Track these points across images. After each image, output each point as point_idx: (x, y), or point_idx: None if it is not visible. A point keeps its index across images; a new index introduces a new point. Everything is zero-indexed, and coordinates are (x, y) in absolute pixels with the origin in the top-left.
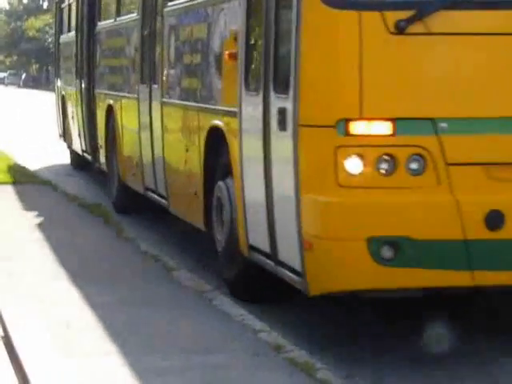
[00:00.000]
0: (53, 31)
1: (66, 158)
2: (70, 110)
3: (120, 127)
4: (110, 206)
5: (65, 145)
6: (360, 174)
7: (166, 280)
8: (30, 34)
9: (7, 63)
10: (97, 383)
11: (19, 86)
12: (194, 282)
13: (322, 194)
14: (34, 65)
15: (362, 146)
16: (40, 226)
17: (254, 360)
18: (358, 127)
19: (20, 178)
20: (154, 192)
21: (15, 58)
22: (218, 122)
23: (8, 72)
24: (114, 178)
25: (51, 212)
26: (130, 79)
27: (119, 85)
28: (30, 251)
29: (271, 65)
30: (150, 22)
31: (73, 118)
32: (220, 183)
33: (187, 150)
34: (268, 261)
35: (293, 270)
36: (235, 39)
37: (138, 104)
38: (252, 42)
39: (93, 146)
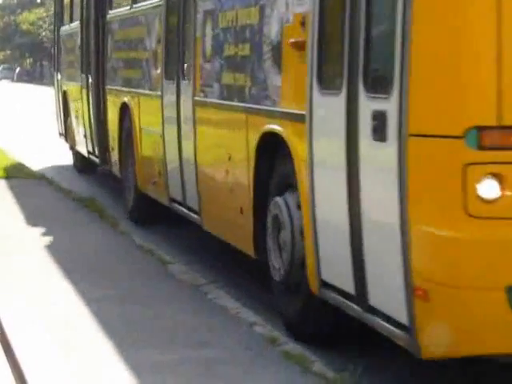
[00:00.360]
0: (46, 25)
1: (64, 157)
2: (74, 107)
3: (138, 128)
4: (118, 210)
5: (63, 142)
6: (498, 200)
7: (162, 274)
8: (24, 27)
9: (0, 57)
10: (94, 380)
11: (13, 80)
12: (189, 276)
13: (445, 228)
14: (28, 59)
15: (501, 163)
16: (36, 221)
17: (248, 353)
18: (495, 138)
19: (15, 172)
20: (181, 205)
21: (9, 52)
22: (275, 127)
23: (1, 66)
24: (130, 185)
25: (47, 207)
26: (151, 74)
27: (137, 80)
28: (25, 247)
29: (360, 55)
30: (178, 7)
31: (77, 116)
32: (277, 199)
33: (229, 158)
34: (351, 304)
35: (393, 321)
36: (302, 24)
37: (162, 102)
38: (329, 26)
39: (102, 148)
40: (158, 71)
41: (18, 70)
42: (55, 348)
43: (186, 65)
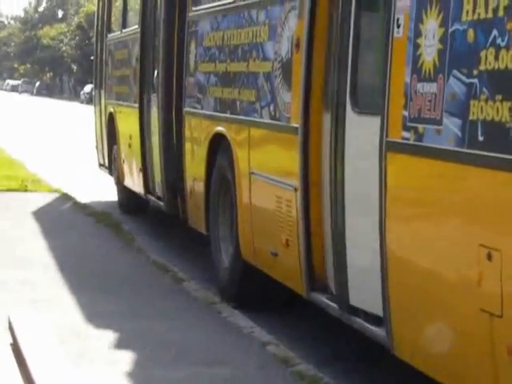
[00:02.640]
0: (67, 39)
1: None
2: (125, 133)
3: (244, 173)
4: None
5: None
6: None
7: (176, 291)
8: (45, 42)
9: (21, 71)
10: None
11: (32, 94)
12: (203, 294)
13: None
14: (48, 73)
15: None
16: (51, 234)
17: (261, 373)
18: None
19: (31, 185)
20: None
21: (29, 66)
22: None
23: (22, 80)
24: (226, 249)
25: (62, 221)
26: (276, 95)
27: (244, 103)
28: (40, 259)
29: None
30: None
31: (130, 145)
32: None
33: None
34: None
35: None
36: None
37: (303, 140)
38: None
39: (171, 190)
40: (290, 93)
41: (37, 84)
42: (67, 360)
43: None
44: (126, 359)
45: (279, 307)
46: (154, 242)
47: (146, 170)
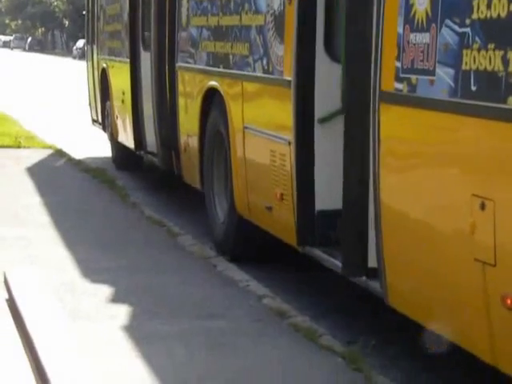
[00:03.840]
0: None
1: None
2: (118, 89)
3: (240, 127)
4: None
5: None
6: None
7: (171, 246)
8: None
9: (12, 27)
10: (100, 346)
11: (24, 50)
12: (198, 248)
13: None
14: (40, 28)
15: None
16: (46, 191)
17: (257, 326)
18: None
19: (25, 142)
20: None
21: (20, 21)
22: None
23: (13, 36)
24: (221, 204)
25: (57, 177)
26: (269, 47)
27: (238, 57)
28: (35, 216)
29: None
30: None
31: (123, 100)
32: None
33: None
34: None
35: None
36: None
37: (295, 93)
38: None
39: (165, 146)
40: (282, 46)
41: (29, 39)
42: (63, 315)
43: None
44: (122, 314)
45: (274, 261)
46: (148, 197)
47: (138, 126)
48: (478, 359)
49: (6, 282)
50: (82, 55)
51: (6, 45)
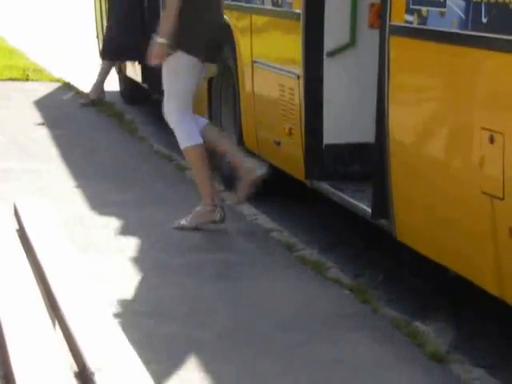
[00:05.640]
0: None
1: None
2: None
3: (248, 61)
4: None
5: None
6: None
7: (180, 180)
8: None
9: None
10: (110, 278)
11: None
12: None
13: None
14: None
15: None
16: (54, 124)
17: (265, 258)
18: None
19: (33, 74)
20: None
21: None
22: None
23: None
24: (230, 139)
25: (65, 111)
26: None
27: None
28: (44, 149)
29: None
30: None
31: None
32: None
33: None
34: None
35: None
36: None
37: (304, 24)
38: None
39: None
40: None
41: None
42: (72, 246)
43: None
44: (131, 247)
45: (282, 196)
46: (157, 131)
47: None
48: (484, 292)
49: (16, 213)
50: None
51: None
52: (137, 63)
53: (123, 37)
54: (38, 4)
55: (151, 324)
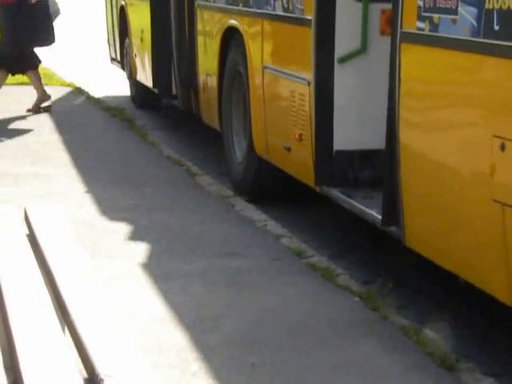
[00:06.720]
0: None
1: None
2: (137, 27)
3: (259, 66)
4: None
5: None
6: None
7: (190, 185)
8: None
9: None
10: (120, 284)
11: None
12: (216, 188)
13: None
14: None
15: None
16: (65, 128)
17: (275, 265)
18: None
19: (44, 79)
20: None
21: None
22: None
23: None
24: (240, 144)
25: (76, 115)
26: None
27: None
28: (54, 154)
29: None
30: None
31: (142, 39)
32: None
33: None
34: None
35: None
36: None
37: (314, 29)
38: None
39: (184, 86)
40: None
41: None
42: (82, 251)
43: None
44: (142, 252)
45: (292, 201)
46: (167, 137)
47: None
48: (494, 300)
49: (26, 218)
50: None
51: None
52: (148, 68)
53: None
54: None
55: (160, 330)
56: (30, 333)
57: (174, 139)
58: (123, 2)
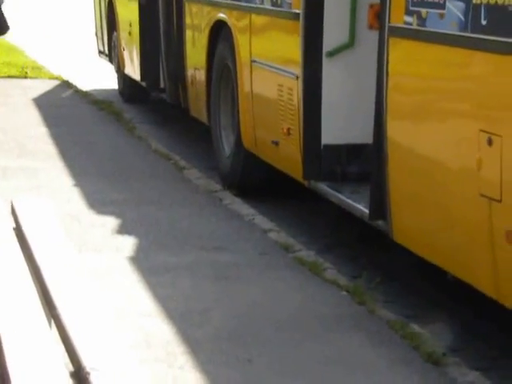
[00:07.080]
0: None
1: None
2: (125, 20)
3: (247, 60)
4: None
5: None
6: None
7: (177, 179)
8: None
9: None
10: (107, 277)
11: None
12: (204, 182)
13: None
14: None
15: None
16: (52, 122)
17: (262, 259)
18: None
19: (31, 72)
20: None
21: None
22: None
23: None
24: (228, 138)
25: (64, 108)
26: None
27: None
28: (42, 147)
29: None
30: None
31: (130, 32)
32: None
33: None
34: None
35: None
36: None
37: (302, 23)
38: None
39: (172, 80)
40: None
41: None
42: (69, 243)
43: None
44: (129, 246)
45: (280, 196)
46: (155, 130)
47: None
48: (482, 294)
49: (13, 211)
50: None
51: None
52: (136, 61)
53: None
54: (36, 1)
55: (147, 323)
56: (16, 326)
57: (162, 133)
58: None
